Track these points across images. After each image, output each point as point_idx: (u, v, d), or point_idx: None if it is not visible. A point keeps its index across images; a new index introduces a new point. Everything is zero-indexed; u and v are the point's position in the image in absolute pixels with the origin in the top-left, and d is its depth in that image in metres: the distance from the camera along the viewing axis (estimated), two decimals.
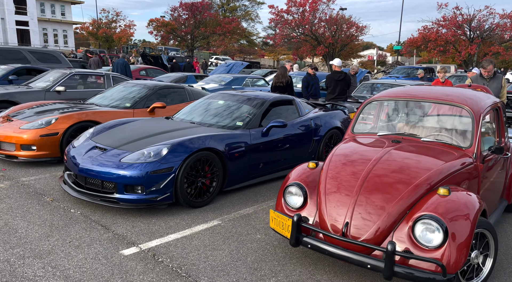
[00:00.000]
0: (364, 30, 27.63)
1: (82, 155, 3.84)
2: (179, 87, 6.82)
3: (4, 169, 4.87)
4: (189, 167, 3.67)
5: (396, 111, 3.59)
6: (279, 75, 7.18)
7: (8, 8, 39.91)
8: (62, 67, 11.57)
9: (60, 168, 5.01)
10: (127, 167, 3.51)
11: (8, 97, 6.83)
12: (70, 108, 5.64)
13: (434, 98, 3.24)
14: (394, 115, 3.58)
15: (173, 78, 12.57)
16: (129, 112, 5.86)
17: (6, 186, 4.23)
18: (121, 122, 4.60)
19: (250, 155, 4.26)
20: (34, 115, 5.40)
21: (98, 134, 4.27)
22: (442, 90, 3.41)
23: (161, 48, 46.65)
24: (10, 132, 5.02)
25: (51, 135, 5.02)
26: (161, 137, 3.98)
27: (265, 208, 3.89)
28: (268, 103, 4.76)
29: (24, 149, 4.97)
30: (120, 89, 6.59)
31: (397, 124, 3.47)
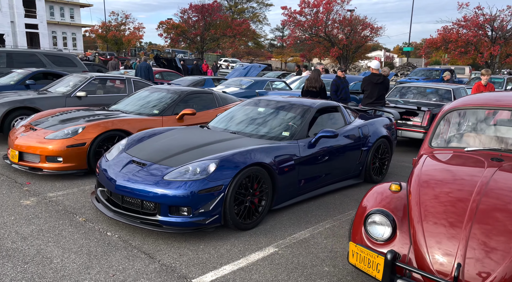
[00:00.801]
0: (379, 31, 27.12)
1: (118, 170, 3.47)
2: (208, 92, 6.45)
3: (28, 182, 4.52)
4: (238, 184, 3.27)
5: (481, 122, 3.15)
6: (312, 79, 6.77)
7: (18, 11, 40.09)
8: (77, 71, 11.30)
9: (88, 181, 4.65)
10: (171, 185, 3.12)
11: (28, 104, 6.51)
12: (96, 116, 5.29)
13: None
14: (479, 126, 3.15)
15: (190, 82, 12.23)
16: (157, 120, 5.49)
17: (33, 203, 3.87)
18: (154, 133, 4.23)
19: (299, 169, 3.85)
20: (58, 123, 5.06)
21: (132, 146, 3.89)
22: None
23: (168, 50, 46.51)
24: (34, 142, 4.68)
25: (78, 146, 4.66)
26: (204, 150, 3.59)
27: (322, 231, 3.47)
28: (314, 110, 4.35)
29: (50, 161, 4.62)
30: (146, 94, 6.23)
31: (484, 137, 3.04)
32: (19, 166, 4.75)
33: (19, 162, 4.75)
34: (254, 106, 4.69)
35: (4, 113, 6.21)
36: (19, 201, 3.92)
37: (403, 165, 6.01)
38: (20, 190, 4.24)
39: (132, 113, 5.62)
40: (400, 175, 5.47)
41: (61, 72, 9.49)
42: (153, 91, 6.28)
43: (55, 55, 11.38)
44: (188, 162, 3.37)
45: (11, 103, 6.32)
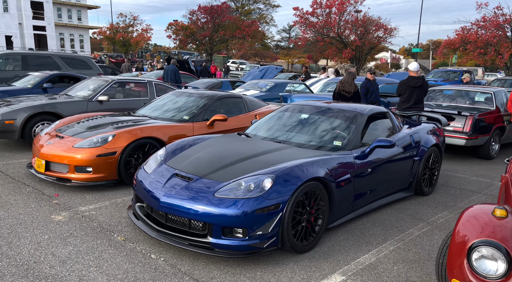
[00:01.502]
0: (393, 32, 26.69)
1: (161, 185, 3.16)
2: (237, 96, 6.14)
3: (56, 195, 4.23)
4: (296, 202, 2.95)
5: None
6: (345, 82, 6.42)
7: (26, 13, 40.20)
8: (92, 73, 11.06)
9: (119, 193, 4.35)
10: (224, 203, 2.80)
11: (50, 109, 6.24)
12: (124, 123, 5.00)
13: None
14: None
15: (208, 84, 11.93)
16: (188, 127, 5.19)
17: (65, 219, 3.58)
18: (192, 142, 3.92)
19: (354, 182, 3.52)
20: (86, 131, 4.77)
21: (171, 158, 3.58)
22: None
23: (174, 52, 46.35)
24: (61, 151, 4.39)
25: (109, 155, 4.37)
26: (252, 163, 3.27)
27: (387, 254, 3.13)
28: (366, 117, 4.01)
29: (79, 171, 4.33)
30: (172, 99, 5.93)
31: None
32: (45, 176, 4.47)
33: (45, 172, 4.48)
34: (296, 112, 4.36)
35: (25, 119, 5.94)
36: (50, 216, 3.63)
37: (447, 174, 5.65)
38: (49, 203, 3.95)
39: (161, 119, 5.32)
40: (450, 186, 5.11)
41: (78, 75, 9.23)
42: (180, 95, 5.98)
43: (70, 58, 11.16)
44: (238, 176, 3.05)
45: (32, 109, 6.06)
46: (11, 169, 5.10)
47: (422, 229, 3.63)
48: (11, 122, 5.86)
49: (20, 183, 4.56)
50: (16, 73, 9.87)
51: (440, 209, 4.18)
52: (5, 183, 4.53)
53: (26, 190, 4.32)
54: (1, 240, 3.11)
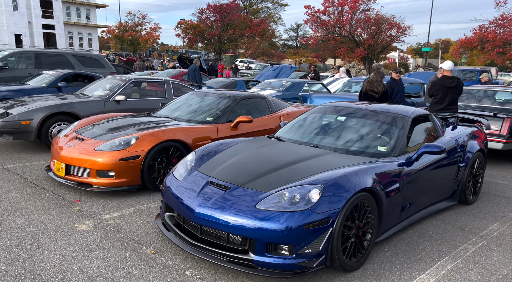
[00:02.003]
0: (406, 30, 26.19)
1: (195, 194, 2.90)
2: (260, 97, 5.87)
3: (78, 200, 4.00)
4: (346, 216, 2.67)
5: None
6: (373, 82, 6.11)
7: (35, 12, 40.33)
8: (105, 72, 10.88)
9: (142, 200, 4.11)
10: (268, 216, 2.53)
11: (67, 109, 6.03)
12: (146, 124, 4.76)
13: None
14: None
15: (222, 84, 11.69)
16: (212, 128, 4.93)
17: (89, 228, 3.34)
18: (222, 146, 3.65)
19: (402, 191, 3.23)
20: (107, 133, 4.54)
21: (202, 163, 3.32)
22: None
23: (182, 51, 46.15)
24: (82, 154, 4.16)
25: (132, 159, 4.12)
26: (293, 170, 2.99)
27: (446, 275, 2.83)
28: (410, 120, 3.71)
29: (100, 176, 4.10)
30: (193, 99, 5.68)
31: None
32: (65, 180, 4.24)
33: (65, 176, 4.25)
34: (331, 114, 4.07)
35: (42, 119, 5.73)
36: (73, 225, 3.40)
37: (485, 180, 5.32)
38: (71, 210, 3.72)
39: (183, 120, 5.07)
40: (492, 194, 4.78)
41: (92, 74, 9.04)
42: (201, 95, 5.72)
43: (83, 56, 10.97)
44: (279, 185, 2.78)
45: (49, 109, 5.85)
46: (28, 171, 4.89)
47: (477, 244, 3.33)
48: (27, 123, 5.65)
49: (39, 187, 4.34)
50: (29, 72, 9.71)
51: (490, 221, 3.87)
52: (23, 187, 4.32)
53: (45, 195, 4.10)
54: (23, 252, 2.88)
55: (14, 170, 4.94)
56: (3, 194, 4.05)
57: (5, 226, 3.29)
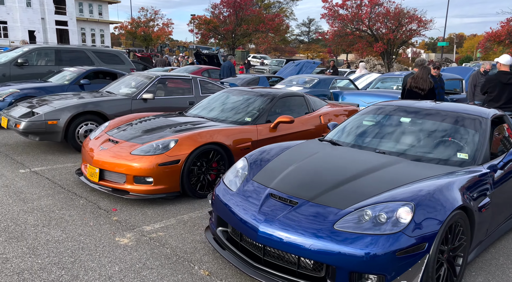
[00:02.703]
0: (428, 24, 25.34)
1: (256, 208, 2.55)
2: (299, 95, 5.49)
3: (114, 209, 3.70)
4: (441, 239, 2.29)
5: None
6: (418, 78, 5.66)
7: (48, 8, 40.50)
8: (125, 68, 10.62)
9: (182, 208, 3.79)
10: (350, 239, 2.17)
11: (93, 107, 5.74)
12: (182, 125, 4.43)
13: None
14: None
15: (245, 80, 11.34)
16: (251, 129, 4.58)
17: (132, 243, 3.04)
18: (273, 151, 3.29)
19: (492, 205, 2.83)
20: (142, 134, 4.23)
21: (256, 172, 2.97)
22: None
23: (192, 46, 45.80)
24: (117, 158, 3.86)
25: (171, 164, 3.80)
26: (367, 182, 2.61)
27: None
28: (489, 122, 3.27)
29: (138, 182, 3.79)
30: (228, 97, 5.33)
31: None
32: (99, 186, 3.95)
33: (99, 182, 3.96)
34: (392, 114, 3.66)
35: (69, 119, 5.46)
36: (114, 238, 3.10)
37: None
38: (109, 221, 3.42)
39: (219, 121, 4.74)
40: None
41: (114, 71, 8.78)
42: (236, 93, 5.37)
43: (103, 52, 10.72)
44: (356, 200, 2.41)
45: (75, 108, 5.57)
46: (57, 175, 4.63)
47: None
48: (54, 123, 5.39)
49: (71, 193, 4.06)
50: (49, 69, 9.49)
51: None
52: (54, 193, 4.04)
53: (79, 203, 3.81)
54: (65, 273, 2.58)
55: (42, 173, 4.68)
56: (35, 201, 3.78)
57: (41, 240, 3.01)
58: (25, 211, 3.55)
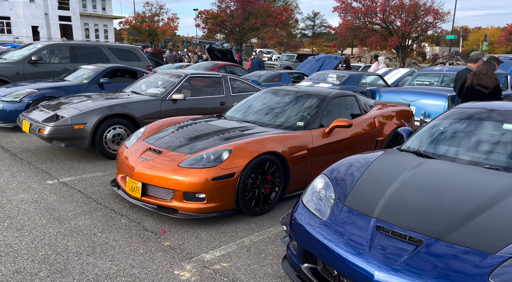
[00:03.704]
0: (445, 17, 24.58)
1: (362, 245, 2.05)
2: (349, 95, 4.98)
3: (163, 231, 3.24)
4: None
5: None
6: (482, 74, 5.10)
7: (52, 3, 40.02)
8: (141, 65, 10.15)
9: (239, 230, 3.32)
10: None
11: (121, 109, 5.26)
12: (230, 131, 3.94)
13: None
14: None
15: (266, 77, 10.82)
16: (306, 136, 4.07)
17: (195, 277, 2.57)
18: (355, 165, 2.79)
19: None
20: (187, 142, 3.74)
21: (347, 195, 2.45)
22: None
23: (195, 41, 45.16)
24: (164, 171, 3.38)
25: (226, 178, 3.32)
26: (506, 211, 2.10)
27: None
28: None
29: (188, 199, 3.32)
30: (272, 99, 4.82)
31: None
32: (142, 203, 3.48)
33: (142, 197, 3.49)
34: (485, 119, 3.12)
35: (96, 123, 5.00)
36: (173, 271, 2.63)
37: None
38: (160, 247, 2.96)
39: (267, 125, 4.24)
40: None
41: (134, 68, 8.29)
42: (281, 94, 4.86)
43: (118, 49, 10.23)
44: (507, 241, 1.89)
45: (102, 111, 5.09)
46: (89, 187, 4.17)
47: None
48: (81, 127, 4.92)
49: (109, 209, 3.60)
50: (64, 66, 9.03)
51: None
52: (91, 209, 3.58)
53: (121, 222, 3.35)
54: None
55: (72, 184, 4.22)
56: (72, 221, 3.32)
57: (90, 274, 2.55)
58: (63, 234, 3.09)
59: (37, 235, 3.05)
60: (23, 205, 3.62)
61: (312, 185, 2.69)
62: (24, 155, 5.29)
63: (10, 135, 6.36)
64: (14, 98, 6.47)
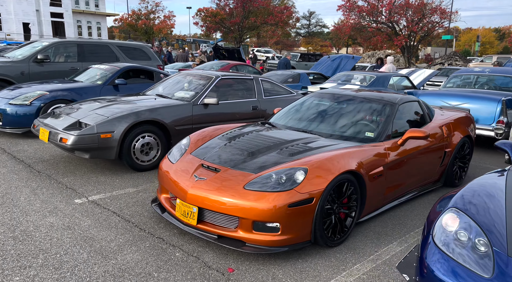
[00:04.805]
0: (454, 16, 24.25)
1: None
2: (414, 100, 4.43)
3: (231, 269, 2.67)
4: None
5: None
6: None
7: (43, 0, 38.88)
8: (152, 64, 9.52)
9: (319, 263, 2.77)
10: None
11: (150, 115, 4.66)
12: (294, 144, 3.37)
13: None
14: None
15: (284, 77, 10.28)
16: (380, 149, 3.50)
17: None
18: (488, 189, 2.27)
19: None
20: (247, 158, 3.17)
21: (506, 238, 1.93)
22: None
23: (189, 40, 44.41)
24: (226, 194, 2.82)
25: (304, 204, 2.77)
26: None
27: None
28: None
29: (259, 229, 2.76)
30: (327, 104, 4.27)
31: None
32: (199, 232, 2.91)
33: (198, 225, 2.93)
34: None
35: (125, 131, 4.40)
36: None
37: None
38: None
39: (331, 137, 3.68)
40: None
41: (150, 68, 7.69)
42: (335, 98, 4.30)
43: (127, 47, 9.58)
44: None
45: (132, 117, 4.50)
46: (125, 207, 3.58)
47: None
48: (108, 136, 4.32)
49: (157, 238, 3.02)
50: (72, 66, 8.37)
51: None
52: (135, 239, 3.00)
53: (176, 256, 2.78)
54: None
55: (104, 204, 3.63)
56: (118, 255, 2.74)
57: None
58: (113, 274, 2.51)
59: (81, 277, 2.46)
60: (54, 232, 3.03)
61: (440, 223, 2.13)
62: (40, 166, 4.67)
63: (20, 142, 5.72)
64: (23, 101, 5.83)
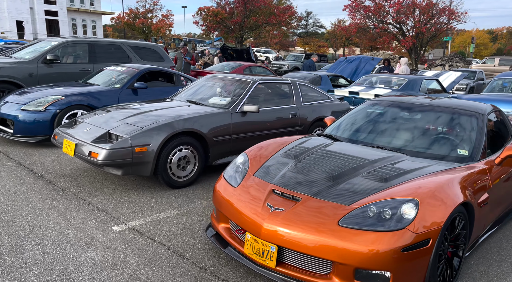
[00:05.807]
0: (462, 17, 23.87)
1: None
2: (498, 109, 3.90)
3: None
4: None
5: None
6: None
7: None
8: (165, 65, 8.92)
9: None
10: None
11: (188, 125, 4.08)
12: (379, 164, 2.82)
13: None
14: None
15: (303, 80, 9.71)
16: (480, 170, 2.92)
17: None
18: None
19: None
20: (330, 182, 2.58)
21: None
22: None
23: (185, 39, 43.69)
24: (316, 232, 2.24)
25: (419, 247, 2.21)
26: None
27: None
28: None
29: (363, 278, 2.19)
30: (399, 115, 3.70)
31: None
32: (280, 276, 2.34)
33: (276, 268, 2.36)
34: None
35: (162, 143, 3.82)
36: None
37: None
38: None
39: (418, 155, 3.09)
40: None
41: (170, 71, 7.11)
42: (408, 108, 3.73)
43: (141, 47, 8.96)
44: None
45: (167, 127, 3.92)
46: (173, 237, 2.99)
47: None
48: (143, 150, 3.74)
49: (223, 281, 2.45)
50: (83, 67, 7.75)
51: None
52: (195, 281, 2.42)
53: None
54: None
55: (148, 232, 3.04)
56: None
57: None
58: None
59: None
60: (99, 273, 2.44)
61: None
62: (63, 182, 4.06)
63: (35, 153, 5.09)
64: (37, 107, 5.20)
